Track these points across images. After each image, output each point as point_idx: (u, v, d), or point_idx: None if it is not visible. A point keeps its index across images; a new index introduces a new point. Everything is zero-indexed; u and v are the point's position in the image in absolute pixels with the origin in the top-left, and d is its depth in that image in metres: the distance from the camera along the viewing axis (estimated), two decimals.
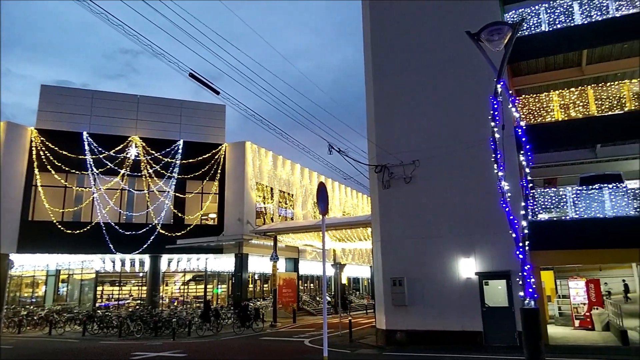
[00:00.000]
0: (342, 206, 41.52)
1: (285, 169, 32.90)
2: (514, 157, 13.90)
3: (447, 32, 16.64)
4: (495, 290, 14.81)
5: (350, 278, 42.80)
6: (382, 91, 17.87)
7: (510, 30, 8.16)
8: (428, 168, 16.24)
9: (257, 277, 30.83)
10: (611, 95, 15.59)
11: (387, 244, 16.54)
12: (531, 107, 16.52)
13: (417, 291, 15.60)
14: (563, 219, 15.21)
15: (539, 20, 16.94)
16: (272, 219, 30.38)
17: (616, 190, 14.82)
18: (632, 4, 15.93)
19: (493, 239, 14.54)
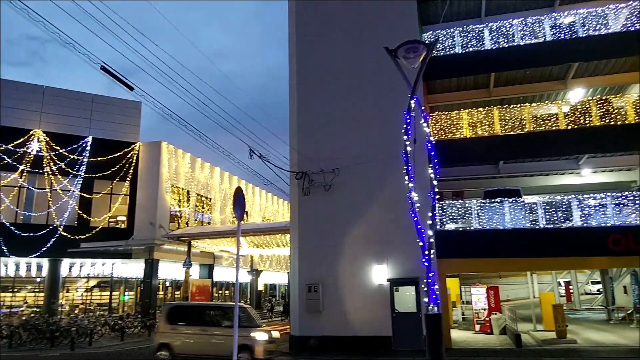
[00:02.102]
0: (262, 212, 41.16)
1: (204, 171, 31.97)
2: (426, 170, 14.60)
3: (369, 46, 17.15)
4: (405, 296, 15.39)
5: (267, 284, 42.46)
6: (305, 99, 18.01)
7: (425, 49, 8.60)
8: (347, 177, 16.58)
9: (168, 284, 29.53)
10: (514, 117, 16.95)
11: (305, 250, 16.61)
12: (443, 124, 17.50)
13: (332, 297, 15.81)
14: (468, 230, 16.23)
15: (453, 43, 18.05)
16: (188, 224, 29.32)
17: (515, 204, 16.10)
18: (534, 34, 17.49)
19: (404, 247, 15.11)
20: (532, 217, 15.92)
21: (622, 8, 16.90)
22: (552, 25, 17.33)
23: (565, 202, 15.83)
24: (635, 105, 16.02)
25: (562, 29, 17.20)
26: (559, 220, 15.70)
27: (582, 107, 16.47)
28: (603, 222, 15.30)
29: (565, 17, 17.31)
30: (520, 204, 16.14)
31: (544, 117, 16.78)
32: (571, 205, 15.69)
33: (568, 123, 16.39)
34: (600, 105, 16.31)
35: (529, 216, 15.95)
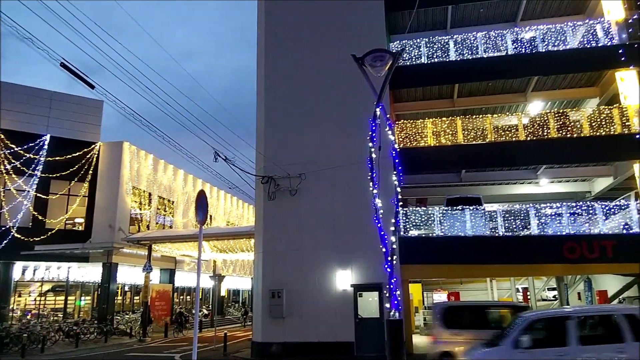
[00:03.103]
0: (227, 216, 40.62)
1: (167, 174, 31.29)
2: (390, 176, 14.78)
3: (337, 53, 17.20)
4: (368, 302, 15.47)
5: (230, 290, 41.86)
6: (273, 103, 17.92)
7: (392, 58, 8.70)
8: (313, 182, 16.57)
9: (127, 289, 28.67)
10: (476, 127, 17.38)
11: (269, 255, 16.46)
12: (408, 132, 17.76)
13: (295, 303, 15.71)
14: (430, 236, 16.49)
15: (419, 53, 18.39)
16: (149, 227, 28.58)
17: (476, 212, 16.49)
18: (496, 48, 18.03)
19: (368, 253, 15.17)
20: (492, 225, 16.34)
21: (580, 26, 17.66)
22: (514, 39, 17.91)
23: (523, 211, 16.32)
24: (590, 119, 16.70)
25: (523, 43, 17.81)
26: (517, 228, 16.15)
27: (541, 119, 17.06)
28: (559, 230, 15.85)
29: (527, 32, 17.94)
30: (481, 212, 16.54)
31: (504, 128, 17.28)
32: (529, 214, 16.19)
33: (527, 134, 16.93)
34: (557, 118, 16.93)
35: (489, 224, 16.36)
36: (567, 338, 8.08)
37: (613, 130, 16.39)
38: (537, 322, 8.89)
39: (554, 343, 8.31)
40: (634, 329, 7.79)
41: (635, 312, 8.09)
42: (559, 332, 8.29)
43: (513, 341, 8.25)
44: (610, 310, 8.71)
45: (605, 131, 16.44)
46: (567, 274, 21.93)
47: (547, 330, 8.84)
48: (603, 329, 8.68)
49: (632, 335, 7.64)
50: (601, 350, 7.96)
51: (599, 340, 8.30)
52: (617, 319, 8.15)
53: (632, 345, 7.42)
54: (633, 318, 7.98)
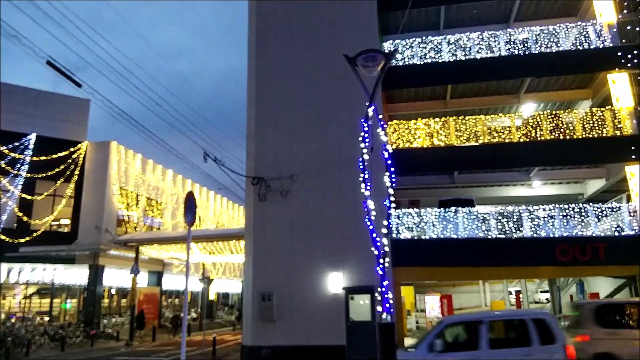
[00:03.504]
0: (216, 217, 40.21)
1: (156, 174, 30.83)
2: (382, 178, 14.57)
3: (329, 53, 16.97)
4: (360, 305, 15.21)
5: (219, 293, 41.45)
6: (264, 103, 17.65)
7: (384, 58, 8.51)
8: (305, 183, 16.31)
9: (114, 292, 28.19)
10: (469, 128, 17.25)
11: (259, 257, 16.16)
12: (401, 133, 17.59)
13: (286, 306, 15.43)
14: (423, 238, 16.32)
15: (412, 53, 18.24)
16: (136, 229, 28.12)
17: (468, 214, 16.35)
18: (489, 49, 17.95)
19: (360, 255, 14.93)
20: (484, 227, 16.21)
21: (572, 28, 17.62)
22: (507, 40, 17.83)
23: (516, 213, 16.21)
24: (582, 121, 16.65)
25: (517, 44, 17.74)
26: (510, 231, 16.04)
27: (534, 120, 16.97)
28: (551, 232, 15.76)
29: (520, 33, 17.87)
30: (473, 214, 16.40)
31: (497, 129, 17.17)
32: (522, 216, 16.09)
33: (520, 136, 16.84)
34: (550, 119, 16.86)
35: (481, 226, 16.23)
36: (478, 342, 8.35)
37: (605, 132, 16.36)
38: (452, 326, 9.24)
39: (467, 347, 8.66)
40: (541, 333, 8.12)
41: (543, 317, 8.44)
42: (472, 336, 8.59)
43: (428, 345, 8.47)
44: (520, 314, 9.07)
45: (597, 133, 16.41)
46: (559, 276, 21.92)
47: (461, 334, 9.17)
48: (514, 333, 8.95)
49: (539, 339, 7.98)
50: (509, 354, 8.15)
51: (509, 344, 8.51)
52: (526, 323, 8.38)
53: (539, 349, 7.75)
54: (542, 322, 8.29)
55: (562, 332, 8.22)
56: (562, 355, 7.85)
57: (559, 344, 7.98)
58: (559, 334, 8.13)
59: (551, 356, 7.88)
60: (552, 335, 8.08)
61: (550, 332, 8.12)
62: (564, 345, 7.94)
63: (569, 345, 7.99)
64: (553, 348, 7.94)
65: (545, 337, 8.07)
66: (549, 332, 8.12)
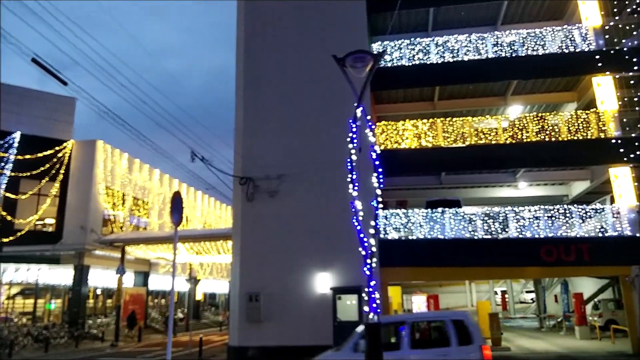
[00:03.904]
0: (203, 217, 39.96)
1: (142, 173, 30.55)
2: (370, 178, 14.61)
3: (318, 53, 16.98)
4: (347, 305, 15.25)
5: (206, 293, 41.21)
6: (252, 103, 17.60)
7: (372, 59, 8.52)
8: (293, 183, 16.30)
9: (99, 292, 27.87)
10: (456, 130, 17.38)
11: (247, 257, 16.11)
12: (389, 134, 17.65)
13: (273, 306, 15.40)
14: (410, 239, 16.40)
15: (401, 55, 18.31)
16: (122, 228, 27.84)
17: (455, 215, 16.46)
18: (477, 51, 18.09)
19: (348, 255, 14.96)
20: (471, 228, 16.33)
21: (558, 31, 17.84)
22: (495, 43, 17.98)
23: (502, 214, 16.37)
24: (567, 123, 16.87)
25: (504, 47, 17.90)
26: (496, 231, 16.19)
27: (520, 122, 17.15)
28: (536, 233, 15.94)
29: (507, 36, 18.04)
30: (460, 215, 16.52)
31: (484, 131, 17.31)
32: (508, 217, 16.25)
33: (507, 138, 16.99)
34: (536, 121, 17.04)
35: (468, 226, 16.35)
36: (400, 342, 8.69)
37: (590, 135, 16.59)
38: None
39: (389, 347, 8.80)
40: (459, 334, 8.45)
41: (462, 318, 8.74)
42: (396, 337, 8.93)
43: (352, 345, 8.83)
44: (441, 316, 9.32)
45: (582, 135, 16.63)
46: (544, 276, 22.21)
47: (385, 334, 9.29)
48: (434, 334, 9.41)
49: (457, 340, 8.29)
50: (428, 354, 8.52)
51: (429, 344, 8.96)
52: (446, 324, 8.73)
53: (456, 349, 8.04)
54: (460, 324, 8.62)
55: (479, 333, 8.48)
56: (478, 355, 8.12)
57: (476, 344, 8.26)
58: (476, 335, 8.40)
59: (467, 356, 8.15)
60: (470, 336, 8.36)
61: (468, 333, 8.41)
62: (480, 346, 8.23)
63: (485, 345, 8.28)
64: (470, 348, 8.22)
65: (463, 338, 8.37)
66: (467, 333, 8.40)
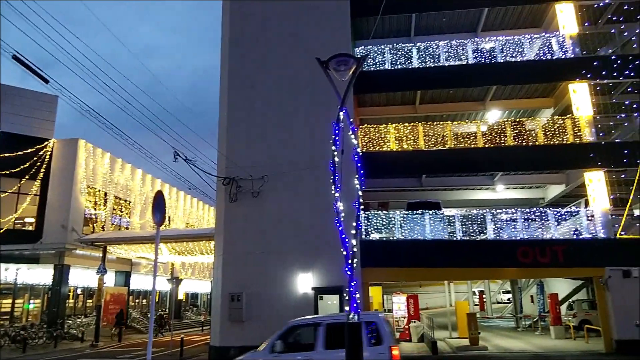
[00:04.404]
0: (186, 217, 39.78)
1: (125, 173, 30.33)
2: (352, 180, 14.84)
3: (303, 56, 17.19)
4: (328, 305, 15.44)
5: (188, 293, 41.02)
6: (236, 104, 17.70)
7: (355, 63, 8.73)
8: (276, 184, 16.44)
9: (79, 292, 27.58)
10: (437, 133, 17.74)
11: (229, 258, 16.20)
12: (372, 136, 17.93)
13: (255, 306, 15.51)
14: (391, 240, 16.68)
15: (383, 59, 18.61)
16: (104, 228, 27.61)
17: (435, 217, 16.80)
18: (457, 57, 18.48)
19: (330, 256, 15.17)
20: (450, 229, 16.69)
21: (536, 38, 18.34)
22: (475, 49, 18.42)
23: (480, 216, 16.76)
24: (544, 129, 17.35)
25: (483, 53, 18.34)
26: (474, 233, 16.57)
27: (498, 127, 17.59)
28: (513, 235, 16.36)
29: (487, 42, 18.49)
30: (439, 216, 16.87)
31: (464, 135, 17.71)
32: (485, 219, 16.64)
33: (485, 142, 17.41)
34: (514, 126, 17.50)
35: (447, 228, 16.71)
36: (315, 343, 8.97)
37: (566, 140, 17.09)
38: (294, 328, 9.75)
39: (305, 348, 9.16)
40: (371, 335, 8.71)
41: (374, 320, 8.99)
42: (311, 338, 9.19)
43: (270, 346, 9.13)
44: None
45: (558, 140, 17.12)
46: (520, 277, 22.72)
47: (302, 335, 9.67)
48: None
49: (368, 340, 8.50)
50: (341, 353, 8.32)
51: (342, 345, 8.48)
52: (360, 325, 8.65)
53: (367, 350, 8.17)
54: (373, 325, 8.89)
55: (389, 334, 8.76)
56: (387, 356, 8.41)
57: (385, 345, 8.55)
58: (386, 336, 8.68)
59: (377, 356, 8.42)
60: (380, 337, 8.66)
61: (379, 334, 8.70)
62: (390, 347, 8.52)
63: (395, 346, 8.57)
64: (380, 349, 8.51)
65: (374, 339, 8.65)
66: (378, 334, 8.69)
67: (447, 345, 17.16)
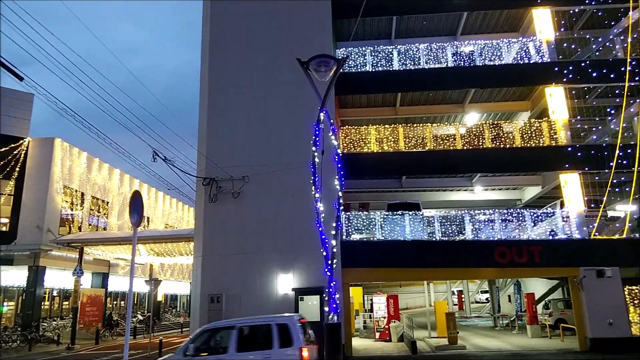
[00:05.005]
0: (165, 218, 39.32)
1: (102, 173, 29.83)
2: (333, 181, 14.91)
3: (284, 56, 17.20)
4: (309, 306, 15.45)
5: (167, 295, 40.56)
6: (217, 104, 17.58)
7: (336, 64, 8.79)
8: (256, 185, 16.38)
9: (55, 294, 27.01)
10: (417, 135, 17.93)
11: (209, 259, 16.07)
12: (353, 138, 18.03)
13: (235, 308, 15.40)
14: (372, 240, 16.78)
15: (365, 61, 18.73)
16: (80, 228, 27.10)
17: (415, 217, 16.97)
18: (437, 60, 18.70)
19: (310, 256, 15.18)
20: (430, 230, 16.88)
21: (514, 43, 18.68)
22: (454, 52, 18.66)
23: (459, 217, 16.98)
24: (521, 131, 17.69)
25: (463, 56, 18.60)
26: (453, 234, 16.78)
27: (477, 129, 17.86)
28: (491, 236, 16.63)
29: (466, 46, 18.76)
30: (419, 217, 17.04)
31: (443, 137, 17.94)
32: (464, 220, 16.87)
33: (464, 144, 17.66)
34: (492, 129, 17.80)
35: (427, 229, 16.89)
36: (228, 346, 9.13)
37: (542, 142, 17.45)
38: (208, 331, 9.81)
39: (218, 351, 9.33)
40: (282, 337, 8.99)
41: (286, 322, 9.24)
42: (225, 341, 9.37)
43: (183, 349, 9.21)
44: (267, 320, 9.72)
45: (535, 143, 17.47)
46: (498, 277, 23.10)
47: (216, 339, 9.78)
48: (260, 337, 9.57)
49: (279, 343, 8.84)
50: (252, 355, 9.07)
51: (254, 347, 9.28)
52: (272, 328, 9.23)
53: (277, 352, 8.65)
54: (285, 327, 9.13)
55: (300, 337, 8.95)
56: (297, 357, 8.70)
57: (295, 346, 8.80)
58: (297, 338, 8.91)
59: (287, 357, 8.72)
60: (291, 339, 8.90)
61: (289, 336, 8.95)
62: (300, 348, 8.76)
63: (304, 347, 8.80)
64: (289, 351, 8.79)
65: (285, 341, 8.92)
66: (289, 336, 8.95)
67: (427, 345, 17.33)
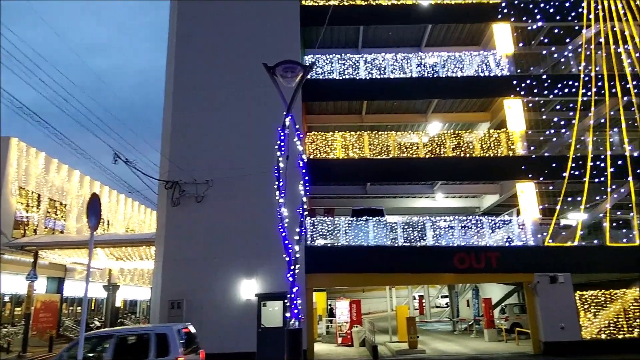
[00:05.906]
0: (126, 221, 38.32)
1: (61, 174, 28.84)
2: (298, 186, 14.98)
3: (250, 60, 17.10)
4: (271, 311, 15.42)
5: (126, 300, 39.45)
6: (181, 105, 17.39)
7: (302, 70, 8.90)
8: (221, 189, 16.25)
9: (7, 299, 25.85)
10: (381, 143, 18.24)
11: (170, 264, 15.80)
12: (319, 144, 18.18)
13: (196, 314, 15.18)
14: (335, 245, 16.93)
15: (332, 69, 18.95)
16: (36, 231, 26.10)
17: (378, 223, 17.23)
18: (402, 70, 19.11)
19: (274, 262, 15.11)
20: (392, 236, 17.17)
21: (476, 56, 19.32)
22: (419, 63, 19.13)
23: (420, 223, 17.35)
24: (481, 141, 18.28)
25: (427, 68, 19.09)
26: (415, 239, 17.12)
27: (439, 138, 18.34)
28: (451, 242, 17.07)
29: (430, 57, 19.26)
30: (383, 223, 17.32)
31: (407, 145, 18.32)
32: (425, 226, 17.26)
33: (426, 152, 18.09)
34: (453, 138, 18.31)
35: (389, 234, 17.18)
36: (104, 355, 9.16)
37: (500, 153, 18.08)
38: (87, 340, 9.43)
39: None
40: (160, 346, 9.05)
41: (165, 332, 9.36)
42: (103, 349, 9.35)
43: (59, 357, 9.21)
44: (147, 330, 9.84)
45: (493, 153, 18.08)
46: (457, 282, 23.68)
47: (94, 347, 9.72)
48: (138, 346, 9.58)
49: (156, 352, 8.96)
50: None
51: (131, 357, 9.36)
52: (150, 337, 9.32)
53: None
54: (163, 337, 9.22)
55: (177, 346, 9.11)
56: None
57: (172, 355, 8.95)
58: (174, 348, 9.06)
59: None
60: (168, 349, 9.04)
61: (167, 346, 9.08)
62: (176, 357, 8.91)
63: (181, 357, 8.96)
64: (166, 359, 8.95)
65: (162, 350, 9.00)
66: (166, 346, 9.09)
67: (387, 349, 17.58)
